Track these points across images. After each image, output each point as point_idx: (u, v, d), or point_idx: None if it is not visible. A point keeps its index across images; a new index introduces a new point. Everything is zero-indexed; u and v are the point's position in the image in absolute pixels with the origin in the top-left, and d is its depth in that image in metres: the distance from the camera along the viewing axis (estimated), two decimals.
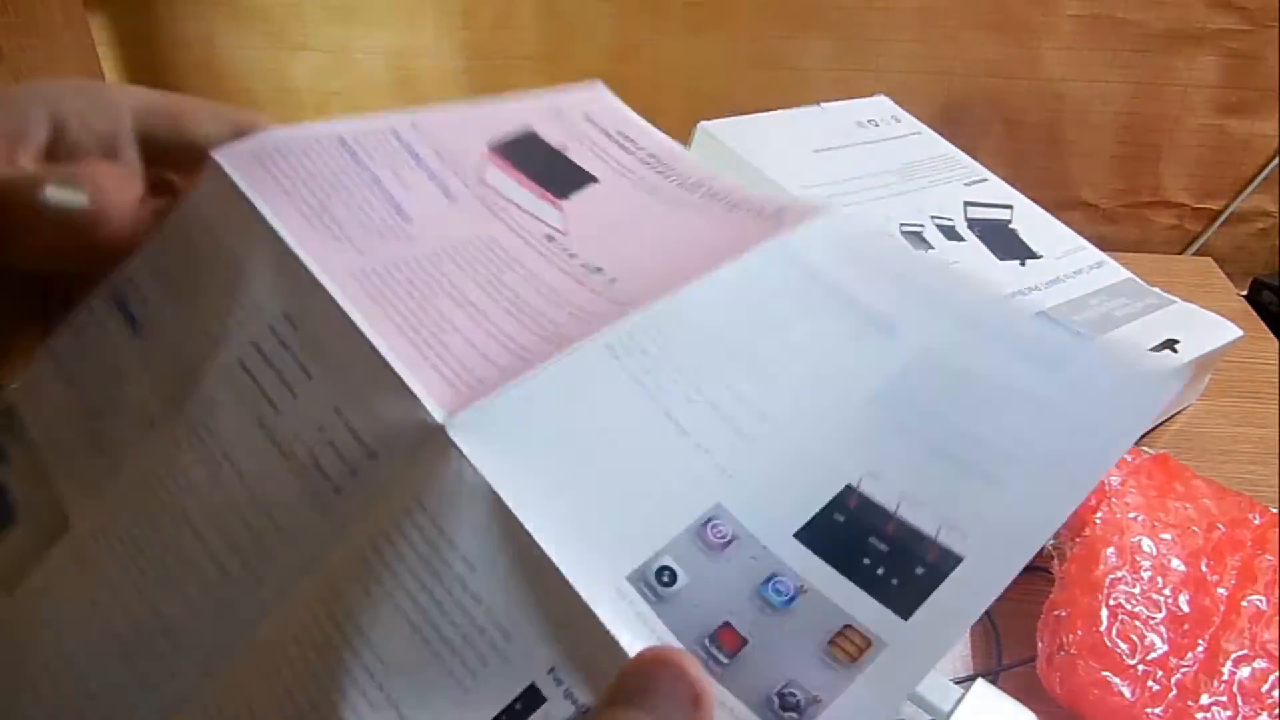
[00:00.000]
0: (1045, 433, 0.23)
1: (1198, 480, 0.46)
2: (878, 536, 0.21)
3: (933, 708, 0.38)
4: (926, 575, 0.20)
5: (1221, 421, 0.60)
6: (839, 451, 0.23)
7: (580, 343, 0.23)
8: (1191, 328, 0.55)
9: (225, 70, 0.93)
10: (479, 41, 0.88)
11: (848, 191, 0.55)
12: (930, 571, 0.21)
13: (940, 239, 0.55)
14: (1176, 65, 0.80)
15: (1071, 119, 0.83)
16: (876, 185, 0.57)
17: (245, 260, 0.25)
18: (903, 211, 0.55)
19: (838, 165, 0.58)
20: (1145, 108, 0.82)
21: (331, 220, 0.26)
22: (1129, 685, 0.38)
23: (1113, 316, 0.54)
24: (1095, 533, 0.42)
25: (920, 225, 0.55)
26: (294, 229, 0.25)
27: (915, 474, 0.22)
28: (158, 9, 0.90)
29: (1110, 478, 0.44)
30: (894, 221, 0.54)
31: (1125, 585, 0.40)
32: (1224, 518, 0.44)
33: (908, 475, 0.22)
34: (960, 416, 0.23)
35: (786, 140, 0.58)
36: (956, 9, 0.80)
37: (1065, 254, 0.59)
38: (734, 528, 0.22)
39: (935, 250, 0.54)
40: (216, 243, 0.26)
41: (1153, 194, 0.86)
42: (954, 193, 0.60)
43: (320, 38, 0.90)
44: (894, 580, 0.21)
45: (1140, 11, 0.78)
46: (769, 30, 0.82)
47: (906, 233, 0.54)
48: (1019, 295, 0.52)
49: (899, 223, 0.54)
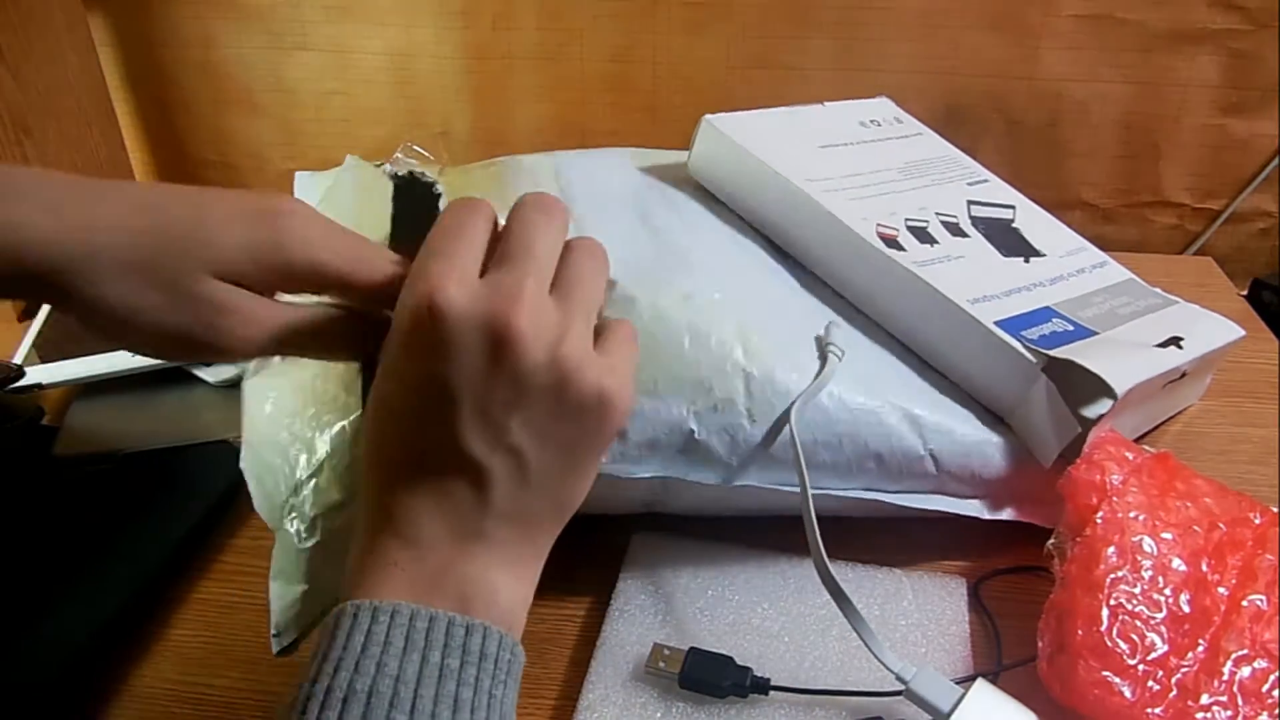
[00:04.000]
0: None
1: (1198, 480, 0.46)
2: None
3: (933, 708, 0.38)
4: None
5: (1222, 421, 0.60)
6: None
7: None
8: (1194, 328, 0.55)
9: (225, 70, 0.92)
10: (479, 41, 0.88)
11: (852, 186, 0.55)
12: None
13: (945, 234, 0.55)
14: (1176, 65, 0.80)
15: (1071, 119, 0.83)
16: (880, 182, 0.57)
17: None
18: (907, 207, 0.55)
19: (842, 161, 0.58)
20: (1145, 108, 0.82)
21: None
22: (1129, 685, 0.38)
23: (1117, 314, 0.54)
24: (1096, 532, 0.42)
25: (925, 221, 0.55)
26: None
27: None
28: (158, 9, 0.90)
29: (1111, 477, 0.44)
30: (899, 216, 0.54)
31: (1126, 585, 0.40)
32: (1225, 517, 0.44)
33: None
34: None
35: (790, 135, 0.58)
36: (956, 9, 0.80)
37: (1068, 254, 0.59)
38: None
39: (940, 245, 0.54)
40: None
41: (1153, 194, 0.86)
42: (957, 191, 0.60)
43: (320, 37, 0.90)
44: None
45: (1140, 11, 0.78)
46: (769, 30, 0.82)
47: (911, 227, 0.54)
48: (1024, 291, 0.52)
49: (904, 217, 0.54)
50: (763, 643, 0.44)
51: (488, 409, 0.31)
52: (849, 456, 0.46)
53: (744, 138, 0.54)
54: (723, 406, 0.44)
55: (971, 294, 0.50)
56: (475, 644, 0.29)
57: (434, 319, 0.30)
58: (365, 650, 0.28)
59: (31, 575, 0.49)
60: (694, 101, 0.57)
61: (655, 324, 0.44)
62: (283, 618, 0.42)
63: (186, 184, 0.34)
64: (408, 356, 0.31)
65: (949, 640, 0.44)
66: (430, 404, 0.31)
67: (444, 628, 0.29)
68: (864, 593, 0.46)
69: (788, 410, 0.44)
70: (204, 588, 0.51)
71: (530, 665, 0.45)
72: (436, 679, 0.28)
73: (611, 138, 0.89)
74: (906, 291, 0.50)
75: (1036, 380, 0.47)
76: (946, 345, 0.50)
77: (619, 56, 0.86)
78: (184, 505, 0.54)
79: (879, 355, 0.50)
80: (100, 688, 0.45)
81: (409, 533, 0.31)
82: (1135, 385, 0.46)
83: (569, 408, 0.31)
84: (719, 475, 0.45)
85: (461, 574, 0.31)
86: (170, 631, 0.48)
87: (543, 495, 0.32)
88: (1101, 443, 0.46)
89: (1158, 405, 0.57)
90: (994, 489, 0.49)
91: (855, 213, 0.52)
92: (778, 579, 0.47)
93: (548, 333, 0.31)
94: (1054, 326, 0.50)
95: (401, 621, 0.29)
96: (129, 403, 0.62)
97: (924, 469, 0.47)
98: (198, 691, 0.45)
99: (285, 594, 0.42)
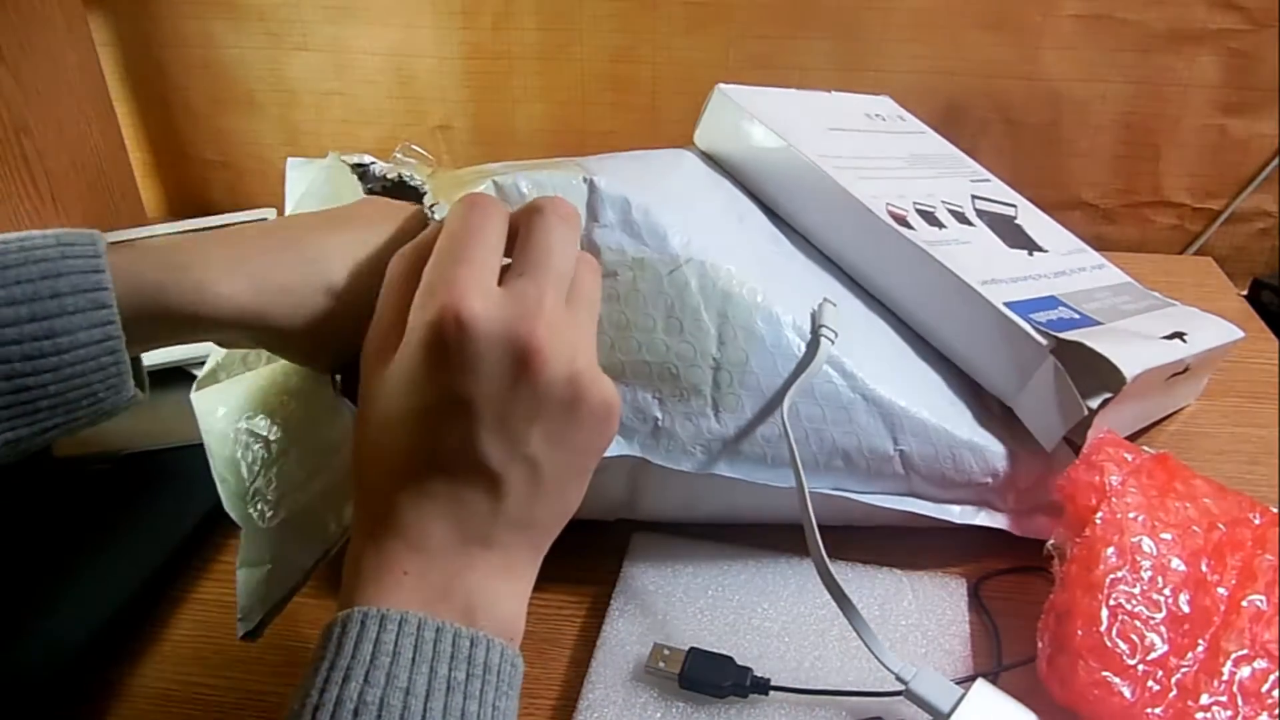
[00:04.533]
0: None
1: (1198, 480, 0.46)
2: None
3: (933, 708, 0.38)
4: None
5: (1222, 421, 0.60)
6: None
7: None
8: (1195, 325, 0.55)
9: (225, 70, 0.92)
10: (479, 41, 0.87)
11: (861, 167, 0.54)
12: None
13: (952, 221, 0.54)
14: (1176, 65, 0.80)
15: (1071, 119, 0.83)
16: (888, 167, 0.57)
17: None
18: (915, 193, 0.55)
19: (852, 143, 0.57)
20: (1145, 108, 0.82)
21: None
22: (1129, 685, 0.38)
23: (1120, 309, 0.54)
24: (1095, 533, 0.42)
25: (933, 207, 0.55)
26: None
27: None
28: (158, 9, 0.90)
29: (1110, 477, 0.44)
30: (908, 199, 0.54)
31: (1125, 585, 0.40)
32: (1224, 517, 0.44)
33: None
34: None
35: (802, 113, 0.57)
36: (956, 9, 0.79)
37: (1068, 253, 0.59)
38: None
39: (947, 229, 0.53)
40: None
41: (1153, 194, 0.86)
42: (961, 185, 0.60)
43: (320, 37, 0.90)
44: None
45: (1140, 11, 0.78)
46: (769, 30, 0.82)
47: (920, 210, 0.53)
48: (1029, 280, 0.52)
49: (912, 201, 0.54)
50: (763, 643, 0.44)
51: (507, 421, 0.31)
52: (814, 453, 0.45)
53: (756, 109, 0.54)
54: (688, 395, 0.43)
55: (981, 276, 0.49)
56: (480, 656, 0.29)
57: (459, 332, 0.30)
58: (375, 660, 0.28)
59: (31, 575, 0.49)
60: (694, 102, 0.57)
61: (631, 302, 0.43)
62: (248, 600, 0.41)
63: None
64: (427, 366, 0.31)
65: (949, 640, 0.44)
66: (449, 414, 0.31)
67: (450, 639, 0.29)
68: (864, 593, 0.46)
69: (767, 401, 0.44)
70: (204, 588, 0.51)
71: (530, 665, 0.46)
72: (445, 692, 0.28)
73: (611, 137, 0.89)
74: (916, 270, 0.49)
75: (1044, 362, 0.46)
76: (953, 326, 0.49)
77: (619, 56, 0.86)
78: (184, 505, 0.54)
79: (874, 340, 0.49)
80: (100, 688, 0.45)
81: (418, 540, 0.31)
82: (1145, 371, 0.46)
83: (581, 418, 0.32)
84: (689, 463, 0.44)
85: (468, 583, 0.31)
86: (170, 631, 0.48)
87: (551, 503, 0.33)
88: (1101, 444, 0.46)
89: (1157, 401, 0.57)
90: (969, 494, 0.48)
91: (866, 190, 0.51)
92: (778, 579, 0.47)
93: (567, 347, 0.32)
94: (1060, 314, 0.50)
95: (410, 631, 0.29)
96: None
97: (894, 470, 0.46)
98: (197, 691, 0.45)
99: (250, 577, 0.41)
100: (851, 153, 0.56)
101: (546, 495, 0.33)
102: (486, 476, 0.31)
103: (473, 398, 0.31)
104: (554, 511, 0.33)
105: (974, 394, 0.50)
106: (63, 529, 0.53)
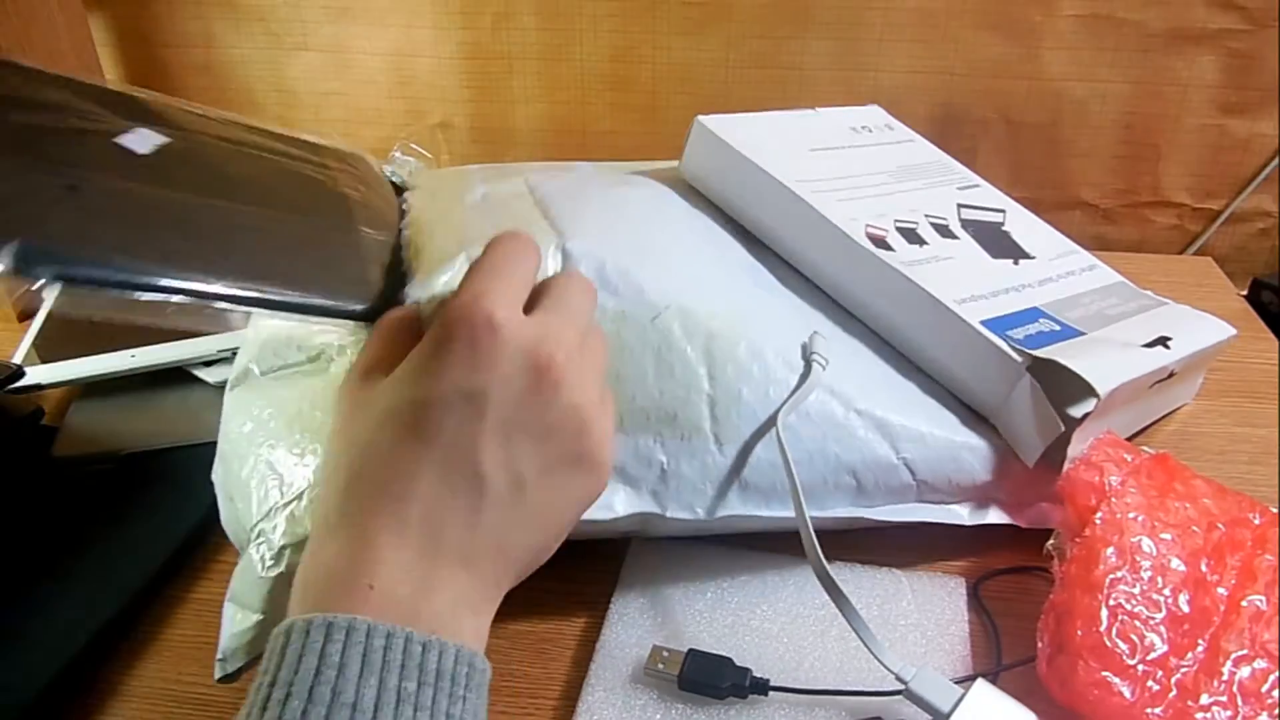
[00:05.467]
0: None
1: (1198, 480, 0.46)
2: None
3: (932, 708, 0.38)
4: None
5: (1221, 421, 0.60)
6: None
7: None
8: (1183, 327, 0.55)
9: (225, 70, 0.92)
10: (479, 41, 0.87)
11: (842, 188, 0.55)
12: None
13: (934, 236, 0.55)
14: (1176, 65, 0.80)
15: (1071, 119, 0.83)
16: (870, 184, 0.57)
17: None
18: (897, 209, 0.56)
19: (833, 164, 0.58)
20: (1145, 108, 0.82)
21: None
22: (1129, 685, 0.38)
23: (1105, 314, 0.54)
24: (1095, 533, 0.42)
25: (915, 223, 0.55)
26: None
27: None
28: (158, 9, 0.90)
29: (1110, 478, 0.44)
30: (888, 218, 0.54)
31: (1125, 585, 0.40)
32: (1224, 517, 0.44)
33: None
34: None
35: (782, 137, 0.58)
36: (956, 9, 0.79)
37: (1058, 256, 0.60)
38: None
39: (929, 245, 0.54)
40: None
41: (1153, 194, 0.86)
42: (947, 195, 0.61)
43: (319, 37, 0.90)
44: None
45: (1140, 11, 0.78)
46: (769, 30, 0.82)
47: (901, 228, 0.54)
48: (1012, 292, 0.53)
49: (893, 219, 0.54)
50: (762, 643, 0.44)
51: (510, 430, 0.32)
52: (822, 473, 0.45)
53: (735, 138, 0.55)
54: (690, 434, 0.44)
55: (959, 294, 0.50)
56: (432, 662, 0.28)
57: (490, 333, 0.31)
58: (319, 674, 0.27)
59: (31, 575, 0.49)
60: (694, 102, 0.57)
61: (619, 356, 0.43)
62: (232, 644, 0.40)
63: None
64: (447, 357, 0.31)
65: (949, 640, 0.44)
66: (457, 406, 0.31)
67: (402, 645, 0.28)
68: (863, 593, 0.46)
69: (759, 428, 0.44)
70: (204, 588, 0.51)
71: (530, 665, 0.46)
72: (394, 705, 0.27)
73: (611, 137, 0.89)
74: (893, 291, 0.50)
75: (1021, 380, 0.47)
76: (932, 345, 0.50)
77: (619, 56, 0.86)
78: (184, 505, 0.54)
79: (859, 363, 0.50)
80: (100, 687, 0.45)
81: (390, 547, 0.30)
82: (1119, 385, 0.46)
83: (577, 454, 0.33)
84: (700, 507, 0.44)
85: (435, 605, 0.30)
86: (170, 631, 0.48)
87: (526, 532, 0.33)
88: (1100, 444, 0.46)
89: (1147, 405, 0.57)
90: (975, 493, 0.49)
91: (844, 213, 0.52)
92: (777, 579, 0.47)
93: (580, 381, 0.33)
94: (1040, 326, 0.50)
95: (358, 640, 0.28)
96: (129, 403, 0.62)
97: (900, 479, 0.46)
98: (197, 691, 0.45)
99: (240, 620, 0.41)
100: (833, 174, 0.56)
101: (523, 522, 0.33)
102: (474, 476, 0.31)
103: (487, 396, 0.31)
104: (525, 544, 0.33)
105: (961, 403, 0.50)
106: (63, 529, 0.53)
